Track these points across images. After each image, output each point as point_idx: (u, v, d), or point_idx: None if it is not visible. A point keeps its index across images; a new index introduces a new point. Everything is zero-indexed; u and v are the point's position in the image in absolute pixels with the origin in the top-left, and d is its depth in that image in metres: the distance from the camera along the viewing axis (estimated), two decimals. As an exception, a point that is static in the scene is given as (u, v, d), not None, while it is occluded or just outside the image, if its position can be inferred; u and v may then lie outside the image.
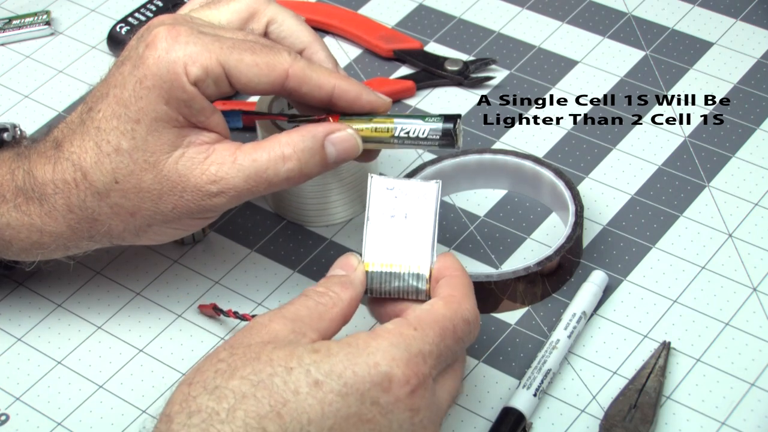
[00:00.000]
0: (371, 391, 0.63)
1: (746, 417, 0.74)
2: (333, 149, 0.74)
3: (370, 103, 0.76)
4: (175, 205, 0.73)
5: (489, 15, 1.01)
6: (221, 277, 0.84)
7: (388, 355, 0.64)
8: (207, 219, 0.76)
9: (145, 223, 0.74)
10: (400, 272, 0.71)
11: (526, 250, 0.84)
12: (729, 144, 0.90)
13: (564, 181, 0.84)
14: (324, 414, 0.62)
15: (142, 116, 0.72)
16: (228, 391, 0.62)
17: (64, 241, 0.75)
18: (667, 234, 0.84)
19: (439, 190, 0.72)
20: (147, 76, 0.72)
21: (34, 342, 0.81)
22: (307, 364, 0.63)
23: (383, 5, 1.03)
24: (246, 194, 0.74)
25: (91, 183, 0.73)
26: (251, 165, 0.73)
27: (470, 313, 0.69)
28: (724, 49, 0.97)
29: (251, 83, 0.73)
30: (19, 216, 0.75)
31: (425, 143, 0.76)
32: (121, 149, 0.73)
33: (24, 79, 0.99)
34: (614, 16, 1.00)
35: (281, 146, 0.73)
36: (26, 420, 0.77)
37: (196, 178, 0.73)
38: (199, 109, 0.73)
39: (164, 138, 0.73)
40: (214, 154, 0.73)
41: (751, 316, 0.80)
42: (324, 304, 0.68)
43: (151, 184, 0.73)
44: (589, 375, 0.77)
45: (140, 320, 0.82)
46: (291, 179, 0.74)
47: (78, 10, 1.05)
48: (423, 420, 0.65)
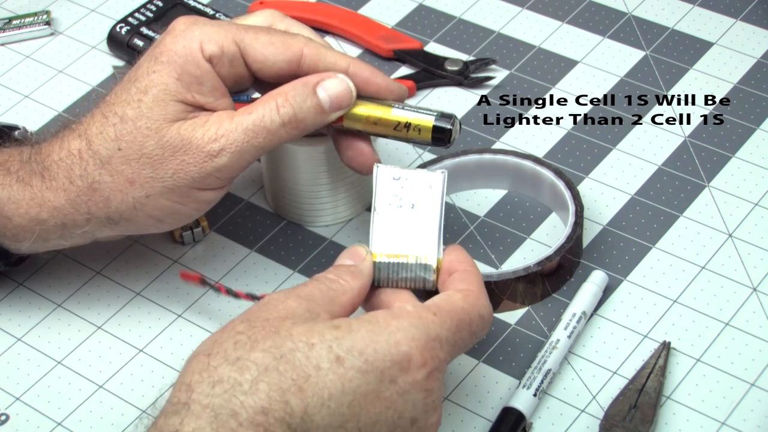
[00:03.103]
0: (390, 370, 0.64)
1: (746, 417, 0.74)
2: (325, 94, 0.75)
3: (384, 84, 0.77)
4: (176, 171, 0.74)
5: (489, 15, 1.01)
6: (221, 277, 0.84)
7: (408, 335, 0.65)
8: (208, 192, 0.76)
9: (144, 192, 0.74)
10: (407, 263, 0.72)
11: (526, 250, 0.84)
12: (729, 144, 0.90)
13: (564, 181, 0.84)
14: (344, 390, 0.63)
15: (151, 87, 0.74)
16: (250, 363, 0.63)
17: (62, 217, 0.75)
18: (667, 234, 0.84)
19: (445, 179, 0.72)
20: (162, 52, 0.74)
21: (34, 342, 0.81)
22: (329, 340, 0.64)
23: (383, 5, 1.03)
24: (247, 149, 0.74)
25: (94, 152, 0.74)
26: (248, 117, 0.74)
27: (486, 310, 0.70)
28: (724, 49, 0.97)
29: (267, 62, 0.75)
30: (20, 188, 0.75)
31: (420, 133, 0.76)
32: (126, 117, 0.74)
33: (24, 79, 0.99)
34: (614, 16, 1.00)
35: (274, 97, 0.75)
36: (26, 420, 0.77)
37: (197, 139, 0.74)
38: (210, 87, 0.74)
39: (169, 108, 0.74)
40: (213, 116, 0.75)
41: (751, 316, 0.80)
42: (335, 290, 0.69)
43: (153, 149, 0.74)
44: (589, 375, 0.77)
45: (140, 320, 0.82)
46: (288, 125, 0.74)
47: (78, 10, 1.05)
48: (435, 401, 0.66)
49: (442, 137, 0.76)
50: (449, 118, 0.76)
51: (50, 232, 0.76)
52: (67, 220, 0.76)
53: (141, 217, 0.76)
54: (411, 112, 0.76)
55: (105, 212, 0.75)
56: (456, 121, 0.76)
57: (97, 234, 0.77)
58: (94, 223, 0.76)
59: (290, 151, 0.83)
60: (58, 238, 0.77)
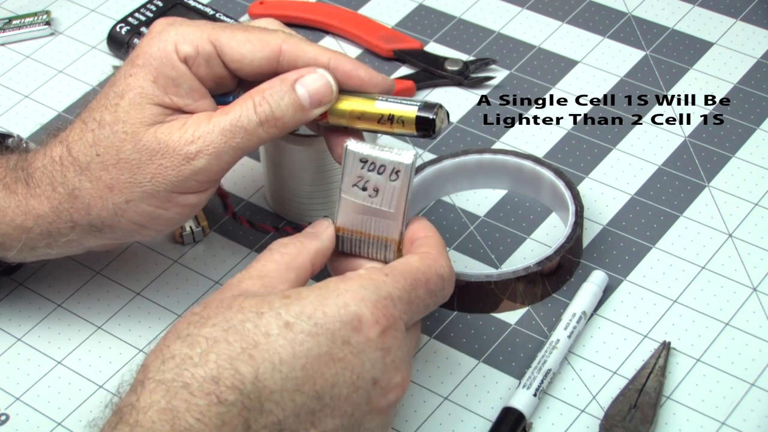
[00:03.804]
0: (341, 331, 0.64)
1: (746, 417, 0.74)
2: (304, 90, 0.73)
3: (367, 76, 0.75)
4: (154, 175, 0.73)
5: (489, 15, 1.01)
6: (221, 277, 0.84)
7: (357, 295, 0.65)
8: (189, 196, 0.74)
9: (123, 198, 0.73)
10: (369, 241, 0.72)
11: (526, 250, 0.84)
12: (729, 144, 0.90)
13: (564, 181, 0.84)
14: (295, 354, 0.63)
15: (127, 91, 0.73)
16: (201, 337, 0.64)
17: (46, 225, 0.75)
18: (667, 234, 0.84)
19: (413, 163, 0.70)
20: (138, 55, 0.74)
21: (34, 342, 0.81)
22: (278, 308, 0.64)
23: (383, 5, 1.03)
24: (226, 150, 0.73)
25: (74, 158, 0.74)
26: (224, 118, 0.73)
27: (445, 270, 0.70)
28: (724, 49, 0.97)
29: (245, 60, 0.73)
30: (5, 196, 0.75)
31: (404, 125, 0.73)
32: (103, 122, 0.74)
33: (24, 79, 0.99)
34: (614, 16, 1.00)
35: (252, 96, 0.73)
36: (26, 420, 0.77)
37: (174, 142, 0.72)
38: (187, 89, 0.73)
39: (146, 112, 0.73)
40: (191, 119, 0.73)
41: (751, 316, 0.80)
42: (289, 254, 0.69)
43: (130, 154, 0.73)
44: (589, 375, 0.77)
45: (140, 320, 0.82)
46: (266, 124, 0.72)
47: (78, 10, 1.05)
48: (395, 360, 0.66)
49: (426, 128, 0.73)
50: (433, 107, 0.73)
51: (36, 240, 0.76)
52: (52, 228, 0.75)
53: (123, 224, 0.75)
54: (394, 103, 0.74)
55: (87, 219, 0.75)
56: (441, 110, 0.73)
57: (84, 242, 0.76)
58: (77, 231, 0.75)
59: (290, 151, 0.83)
60: (45, 247, 0.76)
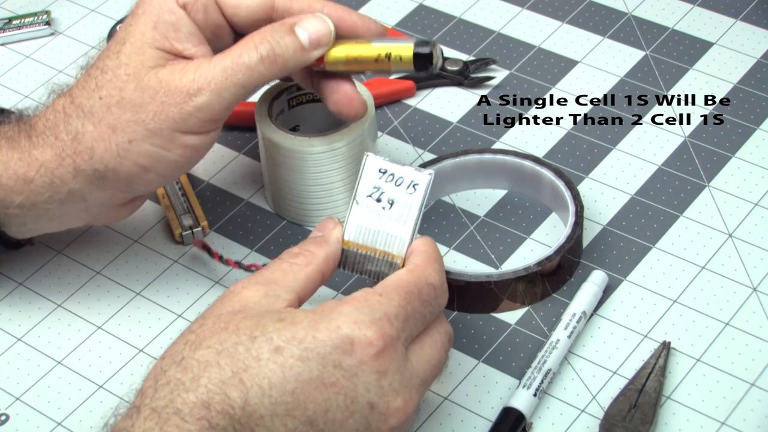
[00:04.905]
0: (332, 354, 0.64)
1: (746, 417, 0.74)
2: (304, 32, 0.75)
3: (360, 21, 0.77)
4: (156, 112, 0.74)
5: (489, 15, 1.01)
6: (221, 277, 0.84)
7: (350, 318, 0.65)
8: (191, 136, 0.75)
9: (126, 137, 0.74)
10: (374, 257, 0.72)
11: (526, 250, 0.84)
12: (729, 144, 0.90)
13: (564, 181, 0.84)
14: (285, 378, 0.63)
15: (129, 38, 0.75)
16: (194, 361, 0.64)
17: (49, 174, 0.75)
18: (667, 234, 0.84)
19: (430, 181, 0.72)
20: (138, 5, 0.76)
21: (34, 342, 0.81)
22: (270, 332, 0.64)
23: (383, 5, 1.03)
24: (227, 87, 0.74)
25: (77, 105, 0.75)
26: (225, 56, 0.75)
27: (434, 278, 0.70)
28: (724, 49, 0.97)
29: (241, 6, 0.76)
30: (7, 149, 0.76)
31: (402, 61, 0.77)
32: (105, 68, 0.75)
33: (24, 79, 0.99)
34: (614, 16, 1.00)
35: (251, 37, 0.75)
36: (26, 420, 0.77)
37: (176, 81, 0.74)
38: (187, 33, 0.75)
39: (147, 55, 0.75)
40: (192, 62, 0.75)
41: (751, 316, 0.80)
42: (298, 264, 0.69)
43: (132, 93, 0.74)
44: (589, 375, 0.77)
45: (140, 320, 0.82)
46: (266, 60, 0.75)
47: (78, 10, 1.05)
48: (393, 383, 0.65)
49: (424, 63, 0.76)
50: (428, 43, 0.76)
51: (38, 193, 0.76)
52: (54, 176, 0.76)
53: (126, 166, 0.75)
54: (390, 42, 0.77)
55: (90, 164, 0.75)
56: (436, 45, 0.76)
57: (86, 196, 0.77)
58: (80, 179, 0.76)
59: (290, 151, 0.83)
60: (47, 202, 0.76)
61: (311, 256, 0.70)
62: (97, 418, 0.76)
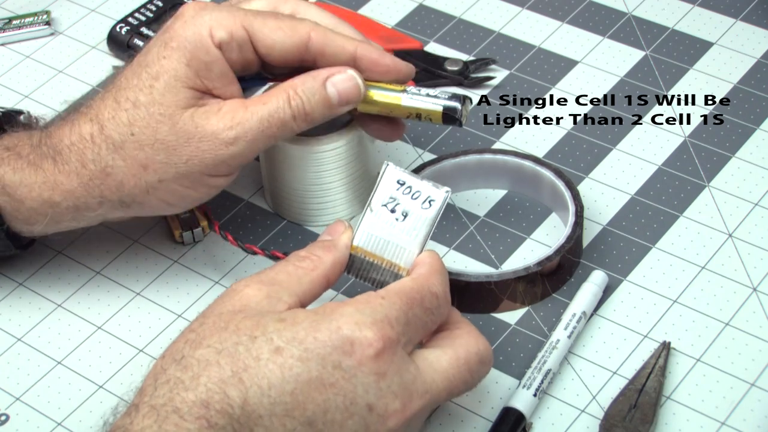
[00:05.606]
0: (332, 355, 0.64)
1: (746, 417, 0.74)
2: (334, 89, 0.76)
3: (392, 64, 0.78)
4: (190, 157, 0.75)
5: (489, 15, 1.01)
6: (221, 277, 0.84)
7: (351, 319, 0.65)
8: (219, 178, 0.77)
9: (157, 177, 0.75)
10: (381, 266, 0.72)
11: (526, 250, 0.84)
12: (729, 144, 0.90)
13: (564, 181, 0.84)
14: (284, 378, 0.63)
15: (162, 74, 0.75)
16: (194, 360, 0.64)
17: (74, 200, 0.76)
18: (667, 234, 0.84)
19: (446, 199, 0.73)
20: (173, 38, 0.75)
21: (34, 342, 0.81)
22: (271, 332, 0.64)
23: (383, 5, 1.03)
24: (261, 138, 0.75)
25: (107, 136, 0.75)
26: (263, 108, 0.75)
27: (438, 288, 0.70)
28: (724, 49, 0.97)
29: (276, 46, 0.76)
30: (32, 172, 0.76)
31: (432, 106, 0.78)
32: (138, 103, 0.75)
33: (24, 79, 0.99)
34: (614, 16, 1.00)
35: (285, 89, 0.76)
36: (26, 420, 0.77)
37: (212, 125, 0.75)
38: (219, 74, 0.76)
39: (180, 95, 0.75)
40: (227, 105, 0.76)
41: (751, 316, 0.80)
42: (304, 268, 0.70)
43: (167, 135, 0.75)
44: (589, 375, 0.77)
45: (140, 320, 0.82)
46: (298, 118, 0.76)
47: (78, 10, 1.05)
48: (391, 386, 0.65)
49: (452, 122, 0.79)
50: (458, 100, 0.78)
51: (63, 214, 0.77)
52: (80, 202, 0.77)
53: (153, 201, 0.77)
54: (420, 100, 0.78)
55: (118, 196, 0.76)
56: (465, 103, 0.78)
57: (108, 216, 0.78)
58: (106, 206, 0.77)
59: (290, 151, 0.83)
60: (70, 220, 0.78)
61: (318, 261, 0.70)
62: (97, 418, 0.76)
